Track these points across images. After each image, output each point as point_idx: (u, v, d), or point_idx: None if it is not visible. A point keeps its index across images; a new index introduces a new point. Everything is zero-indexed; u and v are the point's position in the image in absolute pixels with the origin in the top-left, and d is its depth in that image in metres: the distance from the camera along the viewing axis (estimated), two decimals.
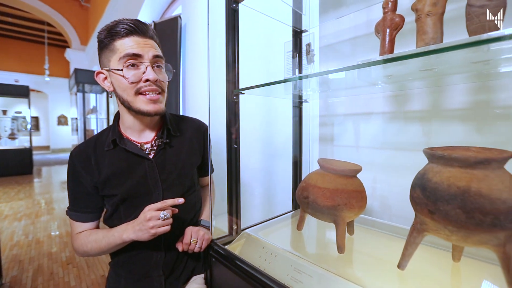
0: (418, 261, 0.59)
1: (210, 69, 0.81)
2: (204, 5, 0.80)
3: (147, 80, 0.68)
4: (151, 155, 0.76)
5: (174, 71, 0.80)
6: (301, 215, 0.83)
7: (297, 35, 1.05)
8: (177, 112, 2.06)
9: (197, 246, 0.75)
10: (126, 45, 0.67)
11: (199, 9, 1.77)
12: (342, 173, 0.72)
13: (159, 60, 0.72)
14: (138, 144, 0.76)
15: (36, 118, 11.45)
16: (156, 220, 0.64)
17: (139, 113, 0.71)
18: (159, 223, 0.64)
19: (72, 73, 5.53)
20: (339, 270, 0.59)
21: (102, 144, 0.75)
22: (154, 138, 0.79)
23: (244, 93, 0.83)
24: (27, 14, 6.92)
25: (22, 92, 6.13)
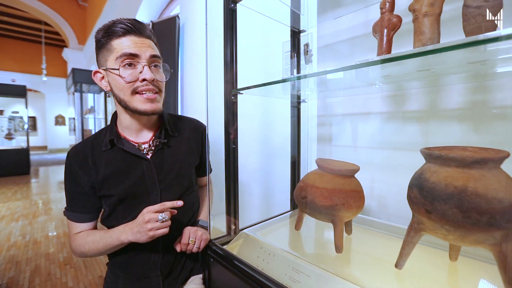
0: (415, 260, 0.60)
1: (208, 69, 0.81)
2: (202, 5, 0.80)
3: (144, 79, 0.67)
4: (148, 155, 0.76)
5: (171, 71, 0.79)
6: (299, 215, 0.83)
7: (295, 35, 1.05)
8: (175, 112, 2.06)
9: (195, 246, 0.75)
10: (123, 44, 0.67)
11: (197, 9, 1.77)
12: (340, 173, 0.72)
13: (156, 60, 0.71)
14: (136, 144, 0.76)
15: (34, 118, 11.39)
16: (154, 222, 0.64)
17: (136, 113, 0.70)
18: (157, 225, 0.64)
19: (69, 72, 5.50)
20: (337, 270, 0.59)
21: (100, 144, 0.75)
22: (152, 138, 0.78)
23: (242, 93, 0.83)
24: (24, 13, 6.88)
25: (19, 92, 6.10)
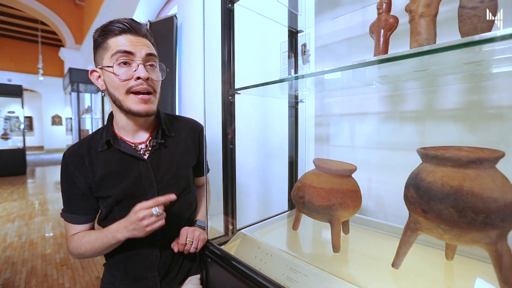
0: (412, 259, 0.60)
1: (205, 69, 0.81)
2: (200, 5, 0.80)
3: (138, 78, 0.67)
4: (145, 156, 0.76)
5: (167, 70, 0.79)
6: (297, 215, 0.83)
7: (293, 35, 1.05)
8: (173, 112, 2.05)
9: (192, 246, 0.75)
10: (119, 42, 0.67)
11: (195, 8, 1.76)
12: (337, 173, 0.72)
13: (152, 59, 0.71)
14: (133, 145, 0.76)
15: (30, 118, 11.29)
16: (149, 218, 0.63)
17: (129, 113, 0.70)
18: (152, 220, 0.64)
19: (66, 72, 5.47)
20: (334, 270, 0.59)
21: (96, 144, 0.74)
22: (149, 139, 0.78)
23: (239, 93, 0.83)
24: (20, 13, 6.82)
25: (15, 92, 6.04)
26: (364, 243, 0.77)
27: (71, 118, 6.42)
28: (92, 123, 5.64)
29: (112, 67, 0.67)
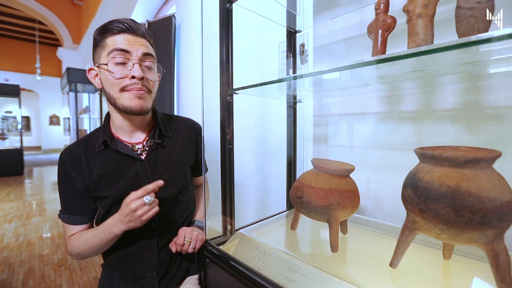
0: (410, 259, 0.60)
1: (204, 69, 0.81)
2: (198, 5, 0.80)
3: (133, 77, 0.67)
4: (143, 156, 0.76)
5: (164, 71, 0.79)
6: (295, 215, 0.83)
7: (291, 35, 1.05)
8: (171, 112, 2.05)
9: (190, 246, 0.75)
10: (116, 41, 0.67)
11: (193, 8, 1.76)
12: (335, 173, 0.72)
13: (149, 59, 0.71)
14: (130, 145, 0.75)
15: (27, 118, 11.24)
16: (142, 207, 0.63)
17: (123, 111, 0.69)
18: (146, 208, 0.64)
19: (64, 72, 5.44)
20: (333, 269, 0.59)
21: (93, 145, 0.74)
22: (146, 139, 0.78)
23: (238, 93, 0.83)
24: (18, 12, 6.78)
25: (13, 91, 6.01)
26: (362, 243, 0.77)
27: (69, 118, 6.39)
28: (90, 123, 5.62)
29: (107, 64, 0.67)
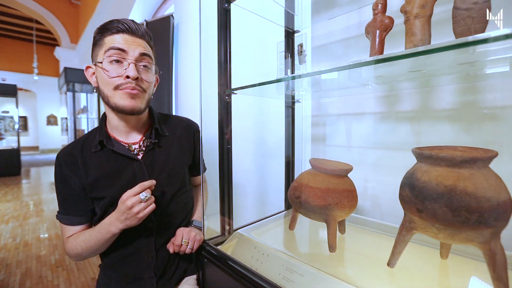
0: (407, 258, 0.60)
1: (202, 69, 0.81)
2: (196, 4, 0.80)
3: (127, 76, 0.66)
4: (139, 156, 0.75)
5: (160, 72, 0.78)
6: (293, 215, 0.83)
7: (290, 35, 1.05)
8: (169, 111, 2.04)
9: (188, 247, 0.74)
10: (114, 40, 0.67)
11: (192, 8, 1.76)
12: (333, 173, 0.72)
13: (146, 59, 0.70)
14: (126, 145, 0.75)
15: (24, 118, 11.17)
16: (139, 204, 0.63)
17: (115, 109, 0.69)
18: (142, 205, 0.63)
19: (62, 72, 5.41)
20: (331, 269, 0.59)
21: (90, 145, 0.74)
22: (142, 139, 0.78)
23: (236, 93, 0.83)
24: (15, 11, 6.73)
25: (9, 91, 5.97)
26: (360, 243, 0.77)
27: (66, 118, 6.36)
28: (88, 123, 5.60)
29: (102, 62, 0.66)
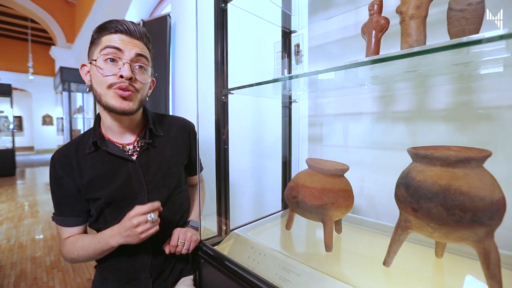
0: (403, 258, 0.61)
1: (198, 68, 0.81)
2: (193, 4, 0.80)
3: (121, 76, 0.66)
4: (134, 157, 0.75)
5: (156, 74, 0.78)
6: (290, 215, 0.83)
7: (287, 35, 1.05)
8: (166, 111, 2.04)
9: (184, 248, 0.74)
10: (111, 39, 0.66)
11: (189, 8, 1.75)
12: (329, 173, 0.72)
13: (142, 60, 0.70)
14: (120, 146, 0.74)
15: (19, 118, 11.05)
16: (144, 225, 0.63)
17: (107, 108, 0.69)
18: (147, 226, 0.64)
19: (57, 71, 5.36)
20: (327, 269, 0.60)
21: (84, 146, 0.73)
22: (136, 139, 0.77)
23: (233, 93, 0.83)
24: (9, 10, 6.66)
25: (4, 91, 5.92)
26: (357, 242, 0.78)
27: (62, 118, 6.30)
28: (84, 123, 5.54)
29: (96, 60, 0.66)
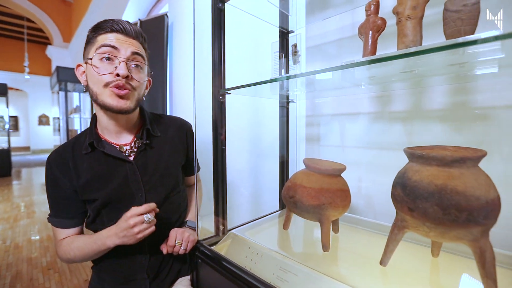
0: (399, 257, 0.61)
1: (196, 68, 0.81)
2: (190, 4, 0.80)
3: (117, 74, 0.65)
4: (131, 157, 0.74)
5: (152, 73, 0.78)
6: (287, 215, 0.84)
7: (284, 35, 1.05)
8: (163, 111, 2.03)
9: (181, 248, 0.74)
10: (107, 39, 0.66)
11: (186, 7, 1.75)
12: (326, 173, 0.73)
13: (138, 58, 0.69)
14: (117, 146, 0.74)
15: (15, 118, 10.97)
16: (140, 225, 0.63)
17: (103, 108, 0.68)
18: (144, 226, 0.64)
19: (54, 71, 5.33)
20: (324, 268, 0.60)
21: (80, 147, 0.72)
22: (134, 139, 0.77)
23: (230, 93, 0.83)
24: (5, 9, 6.60)
25: (0, 90, 5.86)
26: (354, 242, 0.78)
27: (58, 118, 6.25)
28: (80, 123, 5.51)
29: (91, 59, 0.66)
